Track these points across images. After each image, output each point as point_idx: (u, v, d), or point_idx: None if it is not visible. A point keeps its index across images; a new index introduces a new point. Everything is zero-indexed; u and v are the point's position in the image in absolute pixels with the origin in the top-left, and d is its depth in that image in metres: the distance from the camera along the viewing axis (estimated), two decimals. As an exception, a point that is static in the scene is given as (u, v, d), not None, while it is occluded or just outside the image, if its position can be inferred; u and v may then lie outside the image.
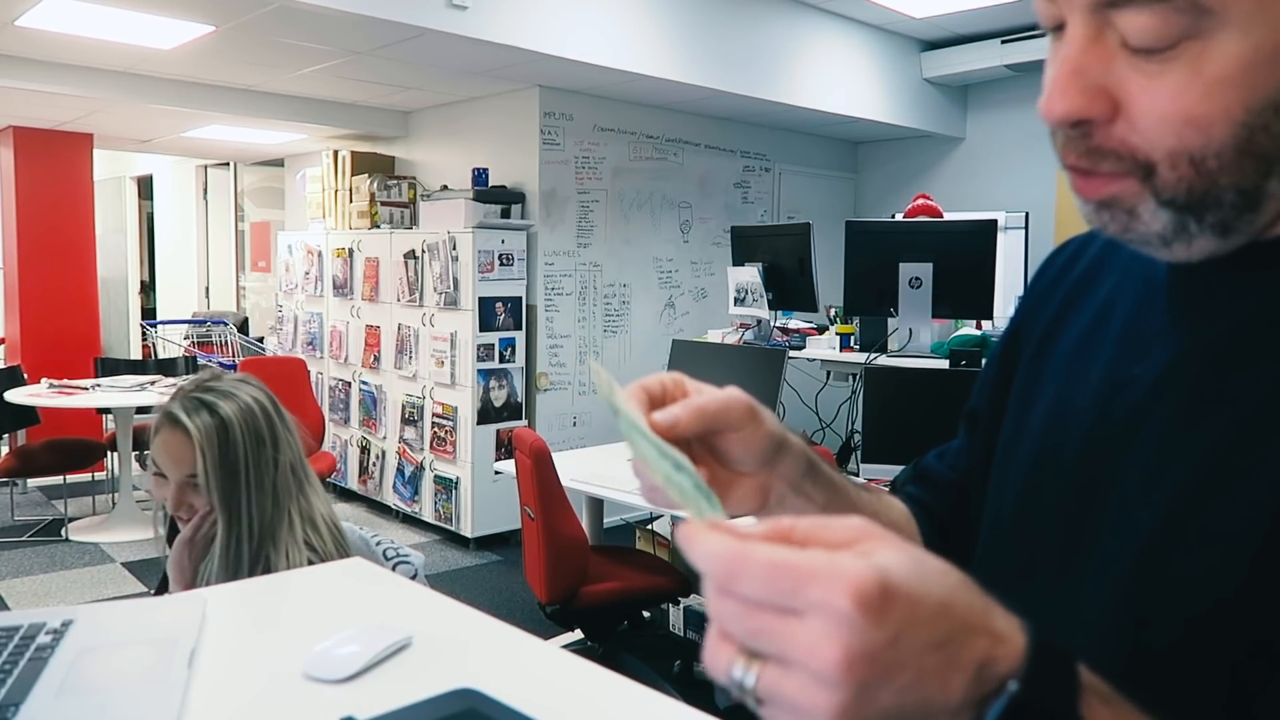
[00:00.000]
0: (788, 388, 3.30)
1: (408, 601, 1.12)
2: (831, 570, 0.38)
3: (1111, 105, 0.51)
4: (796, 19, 5.04)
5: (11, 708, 0.80)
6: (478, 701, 0.81)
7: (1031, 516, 0.65)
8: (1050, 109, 0.52)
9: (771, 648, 0.39)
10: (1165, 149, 0.50)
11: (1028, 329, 0.74)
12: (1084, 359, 0.65)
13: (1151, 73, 0.49)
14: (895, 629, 0.38)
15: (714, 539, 0.41)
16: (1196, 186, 0.50)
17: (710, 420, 0.57)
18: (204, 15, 3.71)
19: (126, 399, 4.81)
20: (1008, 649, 0.40)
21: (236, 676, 0.91)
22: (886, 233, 3.72)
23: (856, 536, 0.41)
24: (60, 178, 6.04)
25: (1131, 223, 0.53)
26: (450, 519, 4.94)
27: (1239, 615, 0.50)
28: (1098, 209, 0.54)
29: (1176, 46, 0.48)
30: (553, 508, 2.81)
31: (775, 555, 0.39)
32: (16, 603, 4.04)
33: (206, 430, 1.44)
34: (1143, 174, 0.51)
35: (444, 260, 4.82)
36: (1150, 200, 0.52)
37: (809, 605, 0.38)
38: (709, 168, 5.77)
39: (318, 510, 1.54)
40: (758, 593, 0.39)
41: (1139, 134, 0.50)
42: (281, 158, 7.40)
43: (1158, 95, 0.49)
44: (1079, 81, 0.51)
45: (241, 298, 8.47)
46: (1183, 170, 0.50)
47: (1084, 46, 0.51)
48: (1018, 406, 0.71)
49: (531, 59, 4.20)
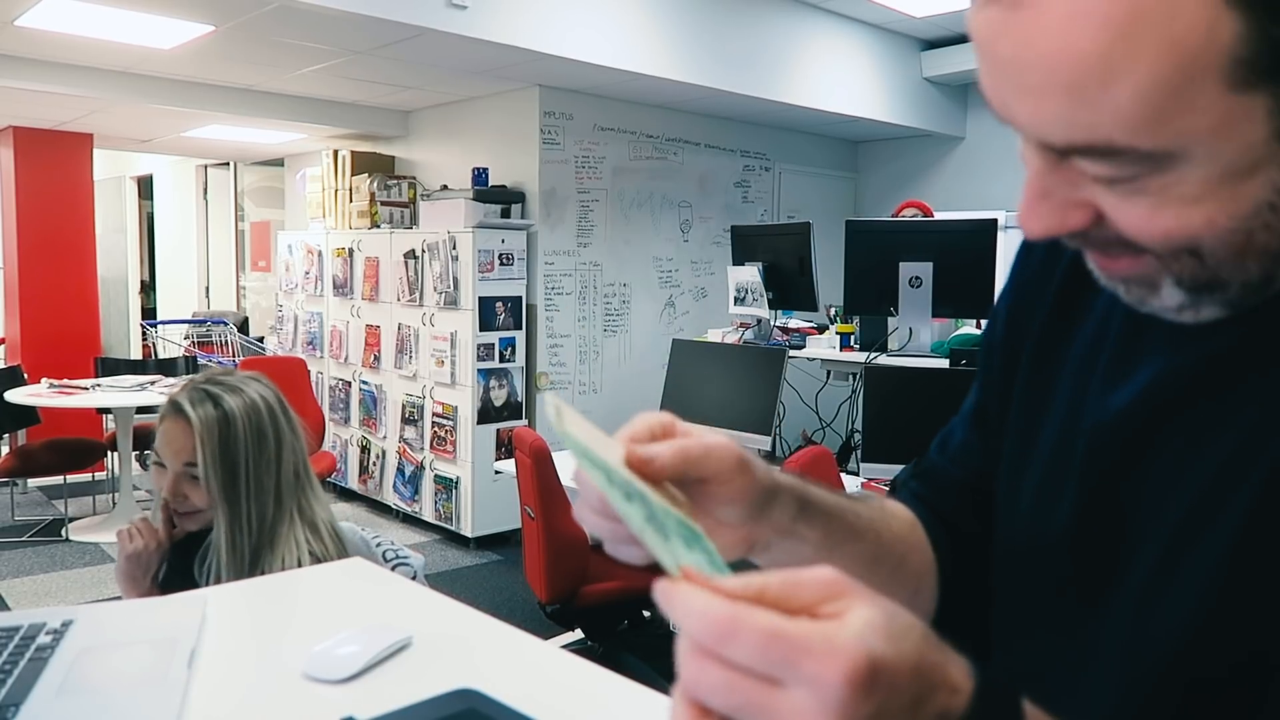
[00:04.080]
0: (788, 387, 3.30)
1: (408, 601, 1.12)
2: (826, 646, 0.38)
3: (1091, 212, 0.49)
4: (796, 19, 5.04)
5: (11, 708, 0.80)
6: (478, 701, 0.81)
7: (1039, 550, 0.64)
8: (1028, 229, 0.51)
9: (753, 718, 0.39)
10: (1160, 249, 0.48)
11: (1024, 317, 0.71)
12: (1084, 381, 0.64)
13: (1121, 194, 0.47)
14: (879, 702, 0.38)
15: (703, 598, 0.40)
16: (1201, 275, 0.49)
17: (692, 464, 0.55)
18: (204, 15, 3.71)
19: (126, 399, 4.81)
20: (959, 699, 0.41)
21: (236, 676, 0.91)
22: (886, 232, 3.72)
23: (828, 593, 0.40)
24: (60, 178, 6.04)
25: (1148, 296, 0.52)
26: (450, 519, 4.94)
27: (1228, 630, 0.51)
28: (1112, 280, 0.53)
29: (1140, 178, 0.46)
30: (553, 507, 2.81)
31: (772, 624, 0.38)
32: (16, 603, 4.04)
33: (208, 421, 1.45)
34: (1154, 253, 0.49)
35: (444, 260, 4.82)
36: (1167, 279, 0.50)
37: (800, 679, 0.38)
38: (709, 167, 5.77)
39: (318, 514, 1.54)
40: (748, 660, 0.38)
41: (1129, 238, 0.49)
42: (281, 157, 7.40)
43: (1131, 215, 0.47)
44: (1048, 202, 0.49)
45: (241, 297, 8.47)
46: (1184, 262, 0.48)
47: (1045, 171, 0.49)
48: (1024, 417, 0.69)
49: (531, 59, 4.20)
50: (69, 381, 5.03)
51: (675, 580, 0.41)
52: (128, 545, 1.49)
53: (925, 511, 0.75)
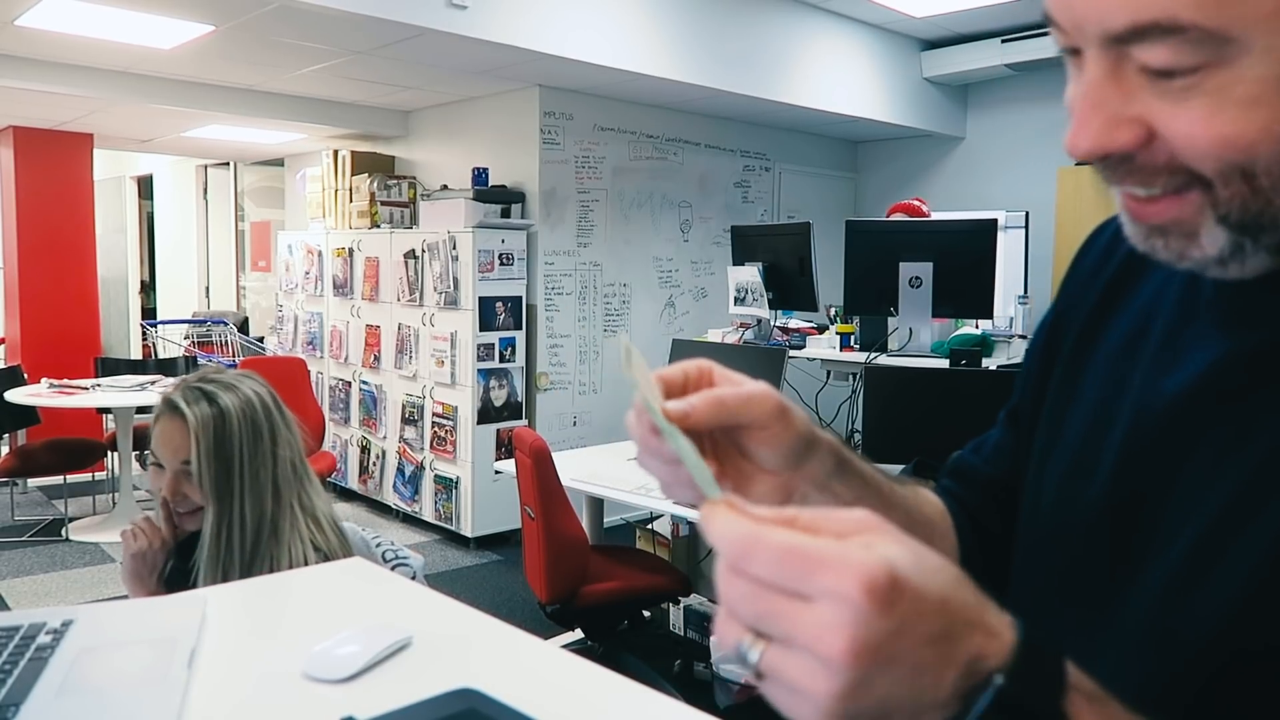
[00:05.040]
0: (788, 387, 3.30)
1: (408, 601, 1.12)
2: (843, 559, 0.39)
3: (1143, 130, 0.49)
4: (796, 19, 5.04)
5: (11, 708, 0.80)
6: (478, 701, 0.81)
7: (1067, 527, 0.64)
8: (1075, 145, 0.50)
9: (778, 630, 0.40)
10: (1213, 168, 0.48)
11: (1068, 321, 0.71)
12: (1124, 367, 0.64)
13: (1177, 97, 0.47)
14: (900, 621, 0.39)
15: (729, 519, 0.42)
16: (1252, 204, 0.48)
17: (729, 414, 0.55)
18: (204, 15, 3.71)
19: (126, 399, 4.81)
20: (998, 645, 0.41)
21: (236, 676, 0.91)
22: (886, 232, 3.72)
23: (858, 528, 0.41)
24: (60, 178, 6.04)
25: (1188, 248, 0.51)
26: (450, 519, 4.94)
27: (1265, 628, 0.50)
28: (1149, 235, 0.52)
29: (1200, 70, 0.46)
30: (553, 507, 2.81)
31: (789, 539, 0.40)
32: (16, 603, 4.04)
33: (203, 418, 1.45)
34: (1203, 184, 0.49)
35: (444, 260, 4.82)
36: (1210, 217, 0.49)
37: (819, 591, 0.39)
38: (709, 167, 5.77)
39: (319, 507, 1.55)
40: (769, 575, 0.40)
41: (1180, 154, 0.48)
42: (281, 157, 7.40)
43: (1188, 119, 0.47)
44: (1101, 115, 0.49)
45: (241, 297, 8.47)
46: (1236, 187, 0.48)
47: (1102, 80, 0.49)
48: (1054, 408, 0.70)
49: (531, 59, 4.20)
50: (69, 381, 5.03)
51: (714, 504, 0.43)
52: (132, 545, 1.49)
53: (954, 505, 0.76)
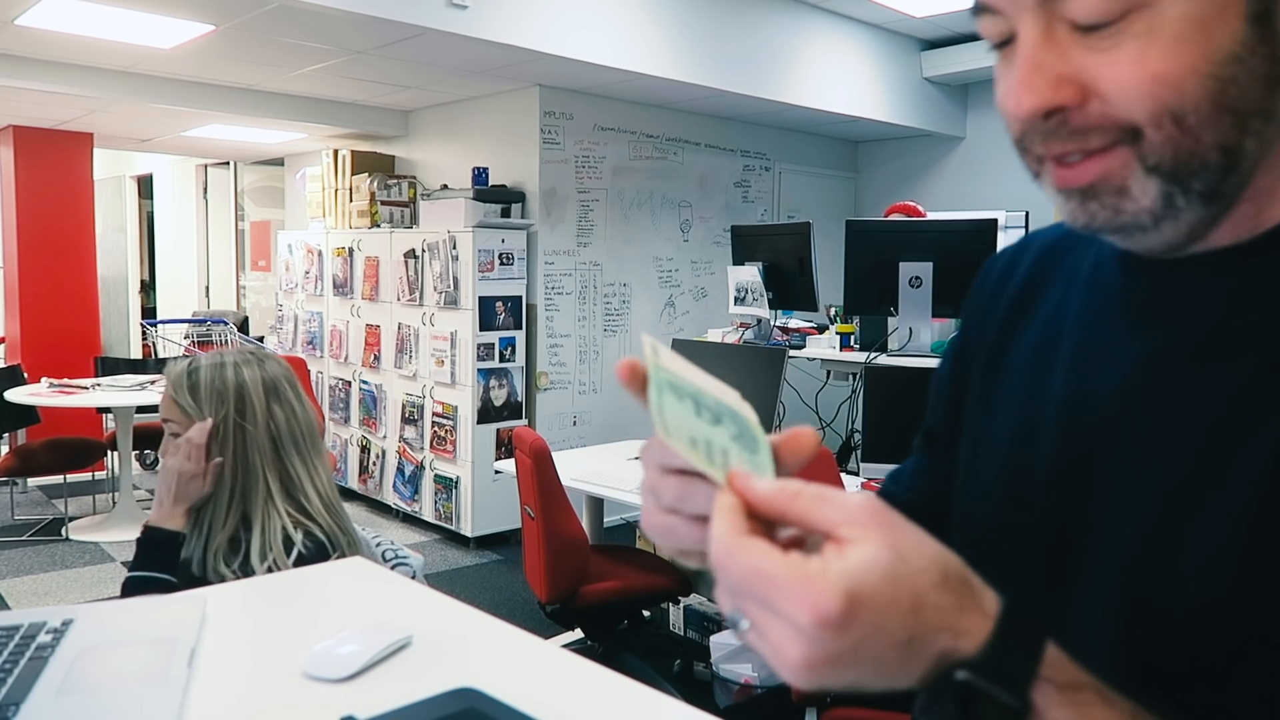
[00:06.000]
0: (788, 387, 3.30)
1: (408, 601, 1.12)
2: (802, 587, 0.42)
3: (1079, 90, 0.51)
4: (796, 18, 5.04)
5: (11, 707, 0.80)
6: (478, 701, 0.81)
7: (1008, 536, 0.65)
8: (1019, 104, 0.53)
9: (753, 623, 0.44)
10: (1145, 110, 0.50)
11: (974, 344, 0.74)
12: (1041, 373, 0.66)
13: (1108, 47, 0.50)
14: (856, 638, 0.42)
15: (721, 524, 0.45)
16: (1182, 146, 0.50)
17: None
18: (204, 14, 3.71)
19: (126, 398, 4.81)
20: (968, 642, 0.44)
21: (236, 676, 0.91)
22: (886, 232, 3.72)
23: (852, 519, 0.44)
24: (60, 177, 6.04)
25: (1121, 202, 0.53)
26: (450, 518, 4.94)
27: (1233, 611, 0.51)
28: (1084, 200, 0.54)
29: (1127, 17, 0.49)
30: (553, 507, 2.81)
31: (755, 563, 0.43)
32: (16, 602, 4.04)
33: (175, 376, 1.58)
34: (1131, 138, 0.51)
35: (444, 259, 4.82)
36: (1139, 169, 0.52)
37: (778, 614, 0.43)
38: (709, 167, 5.77)
39: (312, 489, 1.57)
40: (739, 588, 0.44)
41: (1115, 105, 0.51)
42: (281, 157, 7.40)
43: (1121, 64, 0.50)
44: (1041, 75, 0.52)
45: (241, 297, 8.47)
46: (1168, 129, 0.50)
47: (1038, 43, 0.52)
48: (975, 424, 0.71)
49: (531, 58, 4.20)
50: (69, 381, 5.03)
51: (721, 490, 0.47)
52: (185, 463, 1.53)
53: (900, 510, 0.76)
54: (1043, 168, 0.56)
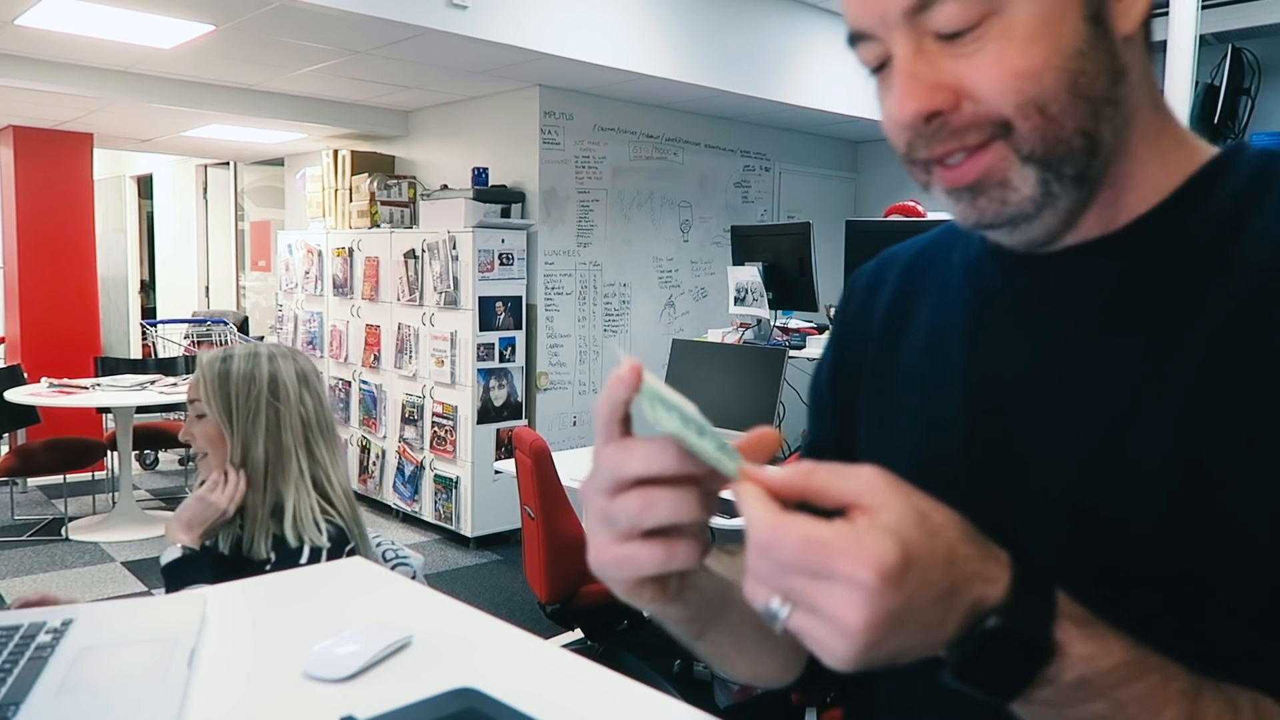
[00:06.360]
0: (788, 387, 3.30)
1: (408, 601, 1.13)
2: (858, 546, 0.44)
3: (952, 94, 0.57)
4: (796, 18, 5.04)
5: (11, 707, 0.80)
6: (478, 701, 0.81)
7: None
8: (903, 110, 0.58)
9: (802, 601, 0.45)
10: (1012, 104, 0.56)
11: (851, 358, 0.78)
12: (935, 374, 0.70)
13: (971, 52, 0.56)
14: (910, 593, 0.44)
15: (757, 507, 0.46)
16: (1049, 133, 0.56)
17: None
18: (204, 14, 3.71)
19: (126, 398, 4.81)
20: (996, 589, 0.47)
21: (236, 676, 0.91)
22: (886, 232, 3.72)
23: (870, 486, 0.46)
24: (60, 177, 6.03)
25: (1006, 194, 0.58)
26: (450, 518, 4.94)
27: (1163, 551, 0.56)
28: (973, 198, 0.59)
29: (983, 24, 0.55)
30: (553, 507, 2.81)
31: (807, 531, 0.45)
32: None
33: (209, 359, 1.66)
34: (1004, 132, 0.56)
35: (444, 260, 4.82)
36: (1015, 160, 0.57)
37: (836, 577, 0.44)
38: (709, 167, 5.77)
39: (332, 473, 1.66)
40: (793, 561, 0.45)
41: (986, 103, 0.56)
42: (281, 157, 7.40)
43: (985, 65, 0.56)
44: (918, 82, 0.57)
45: (241, 297, 8.47)
46: (1034, 119, 0.56)
47: (911, 56, 0.57)
48: (871, 435, 0.74)
49: (531, 58, 4.20)
50: (69, 381, 5.03)
51: (741, 485, 0.48)
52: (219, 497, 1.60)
53: None
54: (930, 175, 0.61)
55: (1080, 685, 0.48)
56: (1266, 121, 4.28)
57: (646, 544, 0.52)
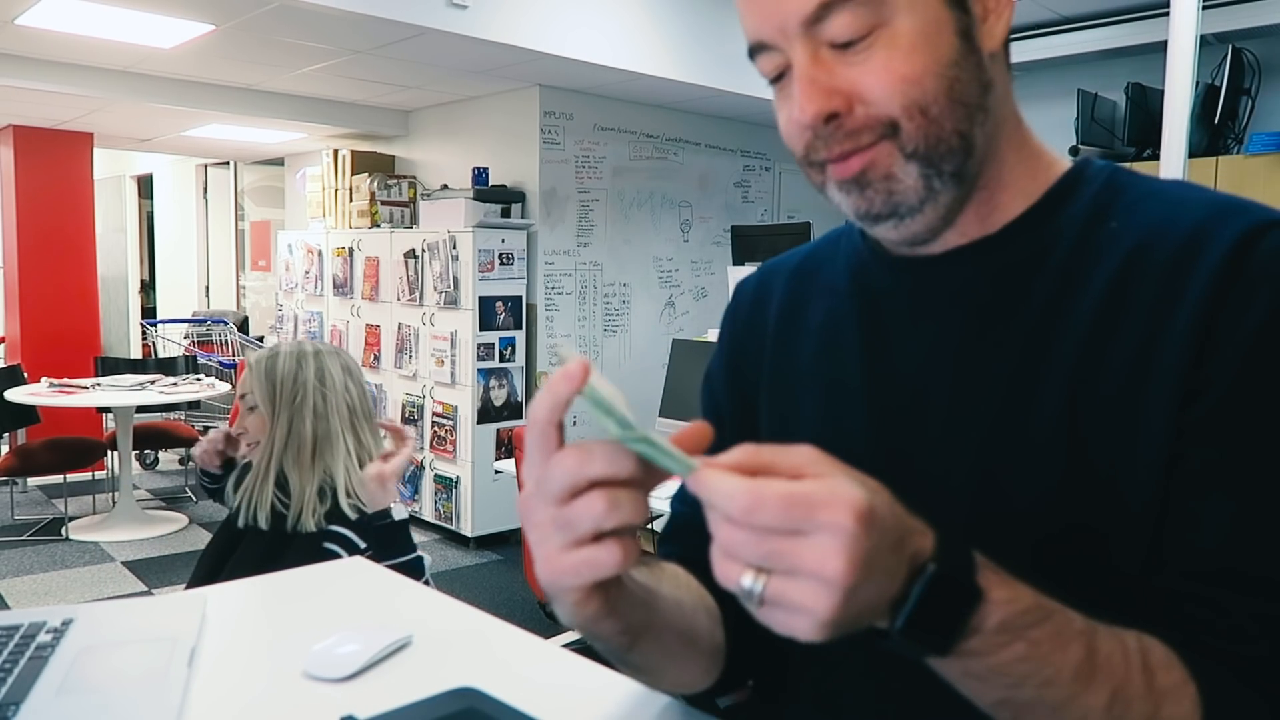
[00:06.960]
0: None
1: (408, 601, 1.13)
2: (834, 495, 0.46)
3: (845, 98, 0.63)
4: (797, 18, 5.04)
5: (11, 706, 0.80)
6: (478, 700, 0.81)
7: None
8: (804, 112, 0.64)
9: (781, 564, 0.46)
10: (899, 105, 0.62)
11: (748, 366, 0.83)
12: (833, 373, 0.76)
13: (862, 59, 0.62)
14: (878, 536, 0.47)
15: (726, 479, 0.47)
16: (930, 133, 0.63)
17: None
18: (204, 14, 3.71)
19: (127, 398, 4.81)
20: (929, 540, 0.51)
21: (236, 676, 0.91)
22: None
23: (811, 459, 0.49)
24: (60, 177, 6.03)
25: (891, 185, 0.64)
26: (450, 518, 4.94)
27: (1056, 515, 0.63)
28: (861, 190, 0.65)
29: (872, 34, 0.62)
30: (553, 507, 2.81)
31: (785, 489, 0.46)
32: (16, 602, 4.04)
33: (258, 356, 1.79)
34: (891, 132, 0.63)
35: (444, 259, 4.82)
36: (900, 157, 0.63)
37: (818, 527, 0.46)
38: (709, 167, 5.77)
39: (371, 455, 1.77)
40: (775, 521, 0.46)
41: (876, 105, 0.62)
42: (281, 157, 7.40)
43: (875, 72, 0.62)
44: (816, 87, 0.63)
45: (241, 297, 8.47)
46: (918, 120, 0.62)
47: (809, 63, 0.63)
48: (777, 437, 0.73)
49: (531, 58, 4.20)
50: (69, 381, 5.03)
51: (698, 471, 0.48)
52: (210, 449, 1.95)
53: (693, 569, 0.76)
54: (824, 175, 0.66)
55: (1002, 629, 0.51)
56: (1266, 121, 4.28)
57: (604, 545, 0.52)
